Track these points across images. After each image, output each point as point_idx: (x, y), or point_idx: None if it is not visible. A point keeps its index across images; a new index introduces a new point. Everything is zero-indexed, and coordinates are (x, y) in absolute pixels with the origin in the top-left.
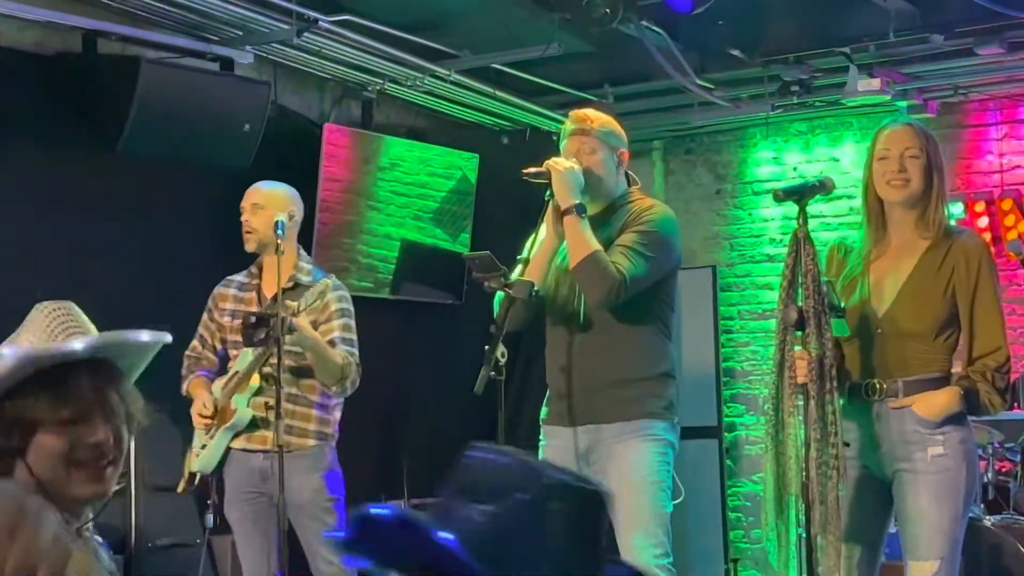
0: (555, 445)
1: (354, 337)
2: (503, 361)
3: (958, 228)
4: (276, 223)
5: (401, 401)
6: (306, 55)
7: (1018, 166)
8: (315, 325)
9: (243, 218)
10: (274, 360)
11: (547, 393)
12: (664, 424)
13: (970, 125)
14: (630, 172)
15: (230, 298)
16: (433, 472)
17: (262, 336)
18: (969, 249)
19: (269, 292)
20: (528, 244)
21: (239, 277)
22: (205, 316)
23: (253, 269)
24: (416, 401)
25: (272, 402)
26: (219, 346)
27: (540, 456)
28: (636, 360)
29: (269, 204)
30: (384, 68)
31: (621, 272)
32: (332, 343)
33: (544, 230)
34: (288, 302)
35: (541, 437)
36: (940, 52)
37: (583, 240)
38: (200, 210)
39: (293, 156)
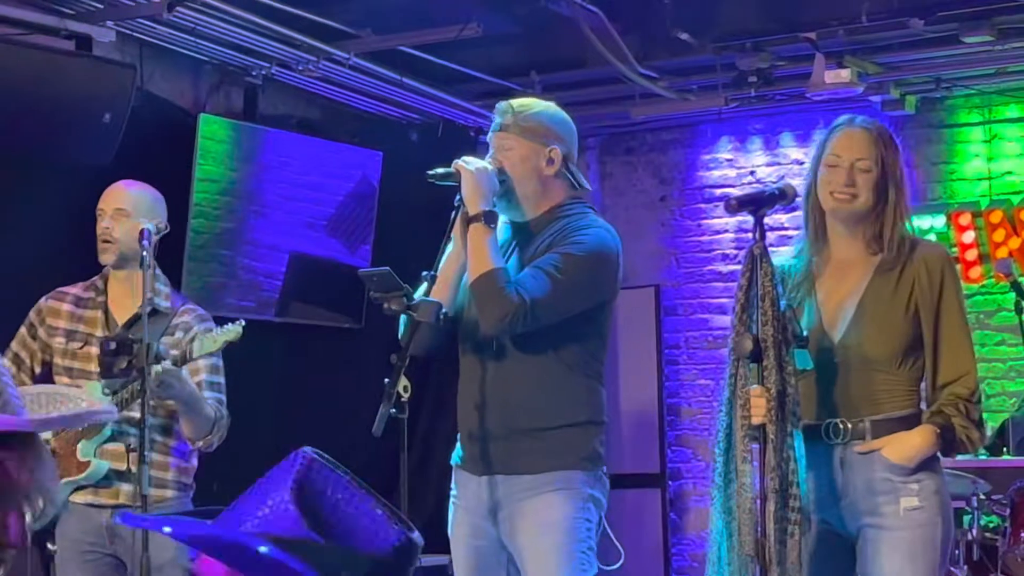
0: (465, 496)
1: (222, 380)
2: (406, 396)
3: (913, 238)
4: (142, 232)
5: (288, 444)
6: (178, 33)
7: (1009, 172)
8: (179, 362)
9: (102, 225)
10: (130, 398)
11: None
12: (585, 475)
13: (954, 124)
14: (578, 176)
15: (64, 315)
16: None
17: (123, 365)
18: (930, 259)
19: (120, 315)
20: (438, 258)
21: (75, 291)
22: (24, 332)
23: (99, 283)
24: (305, 444)
25: (125, 448)
26: (39, 370)
27: (451, 513)
28: (556, 404)
29: (137, 211)
30: (271, 49)
31: (522, 296)
32: (198, 386)
33: (455, 242)
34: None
35: (452, 486)
36: (920, 39)
37: (484, 254)
38: (52, 214)
39: (162, 152)
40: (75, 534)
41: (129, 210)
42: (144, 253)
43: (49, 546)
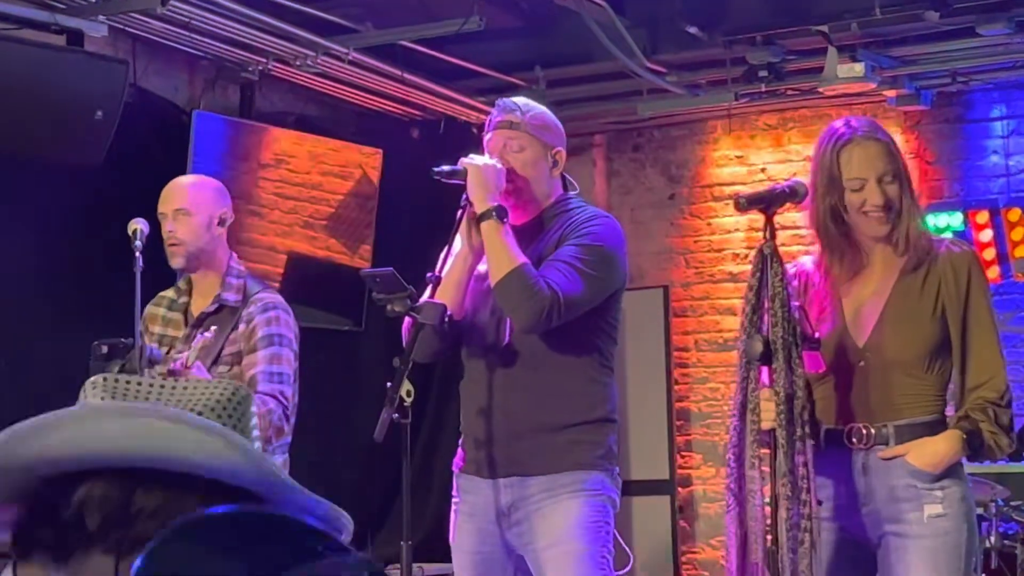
0: (471, 500)
1: (285, 370)
2: (409, 401)
3: (936, 236)
4: (135, 232)
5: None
6: (172, 28)
7: None
8: (240, 356)
9: (166, 228)
10: None
11: (461, 438)
12: (601, 476)
13: (971, 120)
14: (567, 175)
15: (159, 320)
16: None
17: (116, 370)
18: (956, 259)
19: (198, 313)
20: (441, 258)
21: (169, 293)
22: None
23: (181, 284)
24: (305, 448)
25: None
26: None
27: (452, 520)
28: (569, 401)
29: (198, 208)
30: (268, 44)
31: (554, 290)
32: (254, 380)
33: (459, 241)
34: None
35: (455, 492)
36: (936, 32)
37: (505, 251)
38: (42, 214)
39: (156, 150)
40: None
41: (190, 208)
42: (137, 254)
43: None
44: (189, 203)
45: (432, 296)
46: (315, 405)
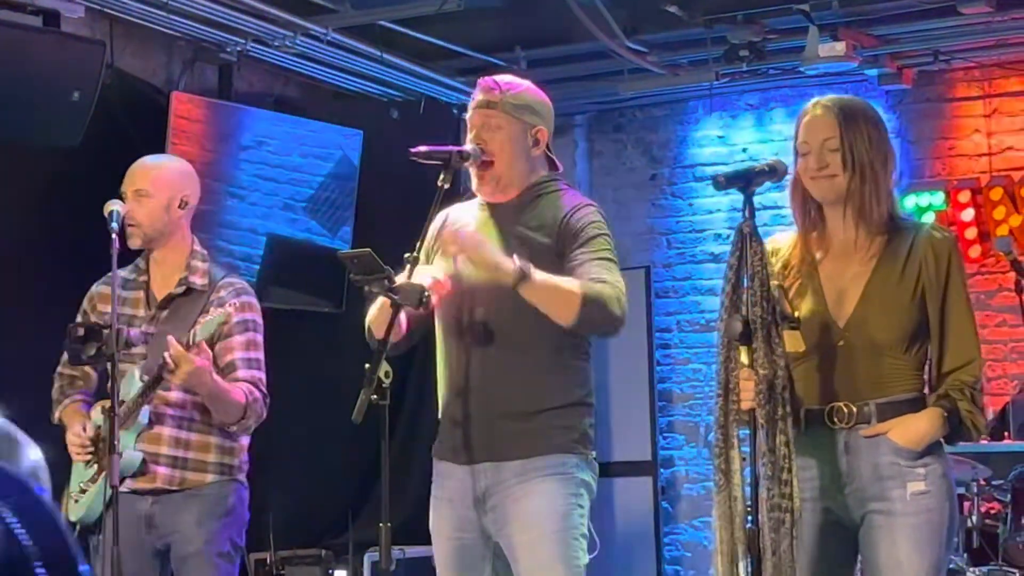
0: (449, 487)
1: (260, 356)
2: (388, 382)
3: (916, 221)
4: (111, 214)
5: (266, 431)
6: (150, 8)
7: (1009, 147)
8: (212, 341)
9: (125, 208)
10: (164, 390)
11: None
12: (576, 459)
13: (952, 99)
14: (553, 156)
15: (111, 299)
16: (304, 517)
17: (92, 352)
18: (937, 243)
19: (161, 294)
20: (420, 240)
21: (123, 273)
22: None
23: (141, 263)
24: (284, 431)
25: (161, 433)
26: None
27: (432, 503)
28: (545, 386)
29: (157, 190)
30: (246, 24)
31: (615, 287)
32: (232, 366)
33: (437, 264)
34: (176, 337)
35: (433, 478)
36: (917, 10)
37: (559, 292)
38: (18, 196)
39: (134, 132)
40: (122, 525)
41: (149, 189)
42: (112, 236)
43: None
44: (149, 184)
45: (410, 276)
46: (296, 387)
